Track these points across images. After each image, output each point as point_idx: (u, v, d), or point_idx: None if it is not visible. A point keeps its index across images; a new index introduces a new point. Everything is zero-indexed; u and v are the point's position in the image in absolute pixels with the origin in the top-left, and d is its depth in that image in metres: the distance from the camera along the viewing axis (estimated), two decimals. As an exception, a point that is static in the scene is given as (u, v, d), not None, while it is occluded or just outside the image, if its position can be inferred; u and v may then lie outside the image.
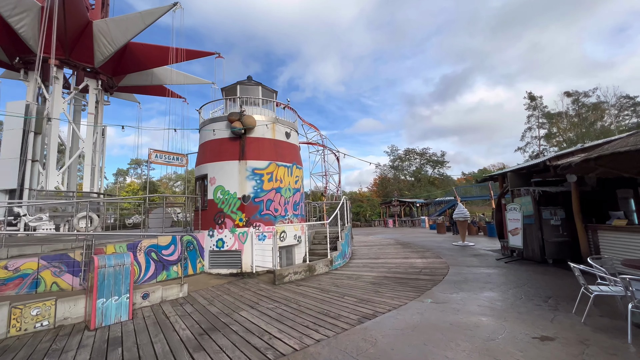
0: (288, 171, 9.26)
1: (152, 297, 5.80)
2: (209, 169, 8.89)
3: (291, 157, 9.52)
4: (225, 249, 8.30)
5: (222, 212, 8.45)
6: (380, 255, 10.68)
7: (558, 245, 8.33)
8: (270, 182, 8.77)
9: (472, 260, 9.01)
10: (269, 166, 8.81)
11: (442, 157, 66.80)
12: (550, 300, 4.99)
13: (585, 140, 49.82)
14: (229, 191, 8.50)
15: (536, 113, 55.73)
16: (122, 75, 16.72)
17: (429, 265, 8.52)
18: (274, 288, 6.73)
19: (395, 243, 14.57)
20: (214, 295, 6.32)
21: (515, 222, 9.00)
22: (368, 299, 5.51)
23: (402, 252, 11.38)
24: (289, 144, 9.62)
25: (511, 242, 9.17)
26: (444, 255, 10.07)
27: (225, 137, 8.87)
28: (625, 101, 48.59)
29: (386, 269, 8.21)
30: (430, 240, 15.16)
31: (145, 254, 7.21)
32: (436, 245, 13.20)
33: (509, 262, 8.53)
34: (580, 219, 7.95)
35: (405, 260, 9.48)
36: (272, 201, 8.72)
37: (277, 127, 9.32)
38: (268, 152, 8.92)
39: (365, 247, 13.60)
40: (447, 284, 6.36)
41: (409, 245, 13.48)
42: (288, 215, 9.06)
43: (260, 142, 8.92)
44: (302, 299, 5.76)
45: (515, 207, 9.01)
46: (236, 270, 8.21)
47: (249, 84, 9.94)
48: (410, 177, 66.87)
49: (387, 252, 11.42)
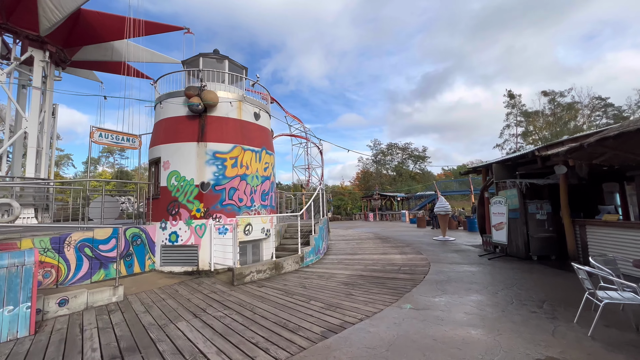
0: (256, 156, 8.22)
1: (72, 304, 4.68)
2: (162, 152, 7.68)
3: (260, 141, 8.46)
4: (179, 243, 7.20)
5: (177, 202, 7.31)
6: (358, 251, 9.91)
7: (543, 241, 7.85)
8: (235, 168, 7.70)
9: (454, 257, 8.40)
10: (233, 150, 7.72)
11: (424, 153, 67.34)
12: (545, 305, 4.33)
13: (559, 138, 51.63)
14: (184, 177, 7.35)
15: (514, 111, 57.05)
16: (75, 47, 14.81)
17: (409, 262, 7.82)
18: (231, 290, 5.76)
19: (375, 237, 13.91)
20: (155, 300, 5.26)
21: (499, 216, 8.45)
22: (338, 304, 4.66)
23: (380, 247, 10.68)
24: (258, 126, 8.54)
25: (495, 237, 8.64)
26: (425, 251, 9.44)
27: (182, 115, 7.67)
28: (597, 102, 50.46)
29: (362, 266, 7.42)
30: (410, 235, 14.62)
31: (77, 250, 6.00)
32: (416, 239, 12.63)
33: (492, 259, 7.97)
34: (567, 214, 7.47)
35: (384, 256, 8.75)
36: (236, 190, 7.67)
37: (244, 106, 8.21)
38: (232, 134, 7.81)
39: (343, 241, 12.83)
40: (428, 284, 5.63)
41: (388, 239, 12.84)
42: (255, 206, 8.05)
43: (224, 122, 7.79)
44: (260, 304, 4.83)
45: (501, 200, 8.45)
46: (192, 267, 7.14)
47: (214, 57, 8.73)
48: (392, 172, 67.15)
49: (365, 247, 10.68)
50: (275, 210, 9.19)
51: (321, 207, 9.98)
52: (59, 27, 13.06)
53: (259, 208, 8.17)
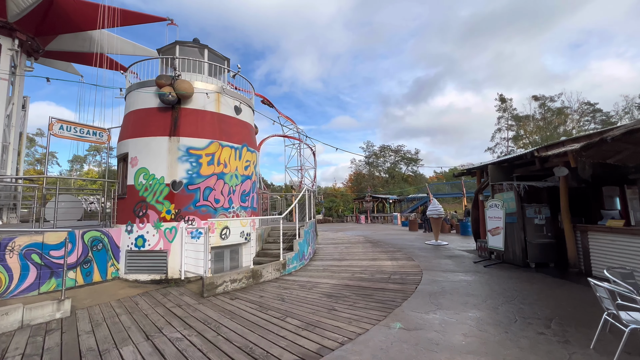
0: (236, 153, 7.55)
1: (1, 323, 3.94)
2: (129, 147, 6.95)
3: (241, 137, 7.80)
4: (146, 248, 6.47)
5: (145, 202, 6.59)
6: (346, 256, 9.31)
7: (542, 247, 7.38)
8: (211, 166, 7.02)
9: (448, 263, 7.86)
10: (209, 146, 7.04)
11: (416, 155, 67.43)
12: (553, 324, 3.78)
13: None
14: (154, 175, 6.64)
15: (506, 115, 57.56)
16: (49, 36, 13.90)
17: (400, 269, 7.24)
18: (199, 302, 5.08)
19: (365, 241, 13.33)
20: (108, 315, 4.55)
21: (496, 221, 7.96)
22: (317, 322, 4.03)
23: (370, 252, 10.10)
24: (238, 121, 7.88)
25: (490, 242, 8.14)
26: (417, 257, 8.89)
27: (153, 106, 6.96)
28: (586, 107, 51.19)
29: (350, 274, 6.82)
30: (401, 239, 14.10)
31: (21, 256, 5.24)
32: (408, 244, 12.10)
33: (488, 266, 7.46)
34: (568, 218, 7.01)
35: (373, 262, 8.16)
36: (212, 189, 6.98)
37: (223, 98, 7.54)
38: (209, 129, 7.14)
39: (332, 245, 12.22)
40: (420, 296, 5.04)
41: (379, 243, 12.28)
42: (233, 208, 7.37)
43: (200, 115, 7.11)
44: (227, 321, 4.17)
45: (497, 203, 7.96)
46: (160, 276, 6.42)
47: (192, 46, 8.04)
48: (384, 174, 67.02)
49: (354, 252, 10.08)
50: (257, 213, 8.52)
51: (308, 209, 9.35)
52: (30, 13, 12.17)
53: (238, 210, 7.50)
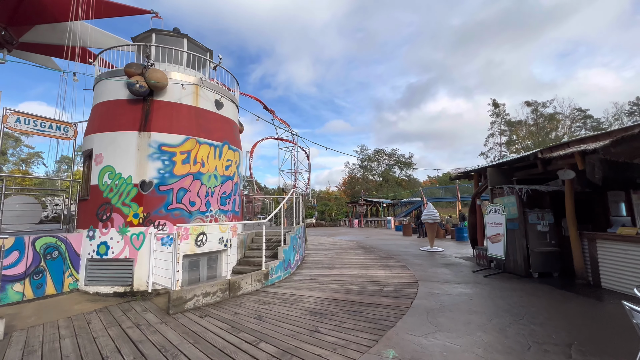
0: (215, 152, 6.89)
1: None
2: (94, 142, 6.24)
3: (222, 134, 7.15)
4: (109, 256, 5.75)
5: (109, 204, 5.88)
6: (336, 264, 8.67)
7: (545, 256, 6.86)
8: (186, 165, 6.34)
9: (445, 273, 7.29)
10: (185, 142, 6.37)
11: (410, 159, 67.44)
12: (573, 351, 3.20)
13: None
14: (120, 174, 5.94)
15: (499, 120, 57.94)
16: (23, 26, 13.10)
17: (394, 279, 6.64)
18: (163, 321, 4.38)
19: (357, 247, 12.72)
20: (49, 339, 3.83)
21: (496, 227, 7.43)
22: (296, 349, 3.39)
23: (363, 259, 9.49)
24: (219, 117, 7.23)
25: (490, 250, 7.60)
26: (412, 265, 8.31)
27: (122, 98, 6.28)
28: (577, 113, 51.79)
29: (338, 286, 6.18)
30: (395, 244, 13.53)
31: (-46, 267, 4.49)
32: (402, 250, 11.53)
33: (488, 276, 6.91)
34: (574, 225, 6.50)
35: (365, 271, 7.55)
36: (187, 191, 6.30)
37: (202, 92, 6.90)
38: (185, 124, 6.47)
39: (322, 251, 11.57)
40: (417, 314, 4.44)
41: (372, 249, 11.68)
42: (211, 212, 6.70)
43: (175, 109, 6.45)
44: (189, 347, 3.49)
45: (498, 208, 7.43)
46: (124, 287, 5.70)
47: (170, 35, 7.39)
48: (378, 178, 66.83)
49: (345, 259, 9.45)
50: (239, 217, 7.84)
51: (296, 213, 8.72)
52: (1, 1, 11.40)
53: (217, 214, 6.82)
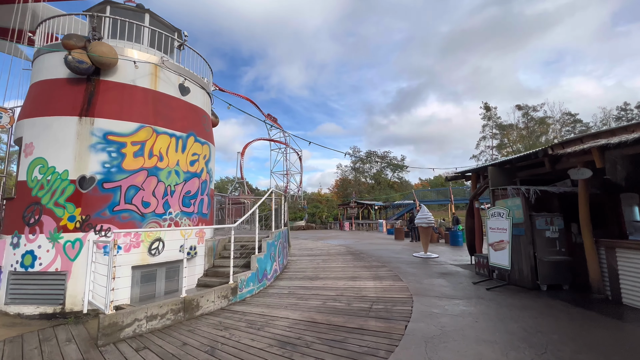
0: (177, 144, 5.88)
1: None
2: (25, 129, 5.17)
3: (187, 124, 6.15)
4: (36, 269, 4.68)
5: (38, 205, 4.81)
6: (321, 273, 7.72)
7: (555, 266, 6.06)
8: (139, 158, 5.32)
9: (442, 285, 6.42)
10: (138, 131, 5.35)
11: (402, 162, 67.27)
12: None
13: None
14: (54, 168, 4.88)
15: (490, 123, 58.19)
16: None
17: (385, 293, 5.73)
18: (86, 358, 3.36)
19: (346, 252, 11.80)
20: None
21: (500, 233, 6.59)
22: (246, 408, 2.42)
23: (351, 267, 8.56)
24: (184, 104, 6.23)
25: (493, 259, 6.76)
26: (405, 274, 7.42)
27: (61, 77, 5.23)
28: (567, 118, 52.33)
29: (320, 302, 5.23)
30: (387, 249, 12.65)
31: None
32: (394, 256, 10.65)
33: (492, 289, 6.06)
34: (590, 232, 5.70)
35: (353, 283, 6.62)
36: (140, 189, 5.28)
37: (163, 73, 5.89)
38: (140, 110, 5.46)
39: (308, 257, 10.61)
40: (413, 345, 3.52)
41: (361, 256, 10.77)
42: (171, 214, 5.67)
43: (127, 91, 5.43)
44: (98, 406, 2.49)
45: (501, 212, 6.61)
46: (54, 307, 4.62)
47: (129, 9, 6.37)
48: (370, 180, 66.37)
49: (331, 268, 8.51)
50: (208, 220, 6.82)
51: (275, 216, 7.74)
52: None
53: (179, 217, 5.80)
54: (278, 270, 7.43)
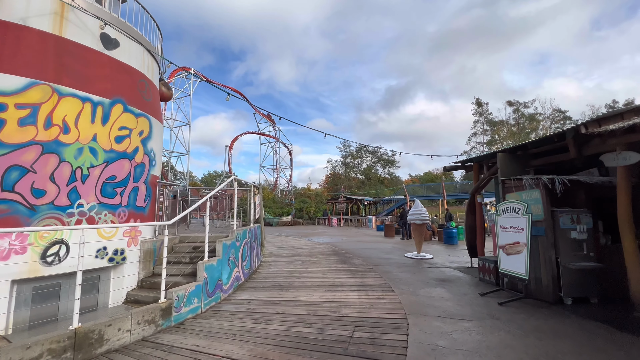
0: (95, 112, 4.34)
1: None
2: None
3: (111, 87, 4.60)
4: None
5: None
6: (296, 280, 6.35)
7: (582, 274, 4.85)
8: (29, 127, 3.78)
9: (443, 297, 5.14)
10: (27, 90, 3.79)
11: (393, 157, 66.40)
12: None
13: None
14: None
15: (481, 119, 57.78)
16: None
17: (371, 312, 4.39)
18: None
19: (331, 252, 10.47)
20: None
21: (514, 233, 5.32)
22: None
23: (333, 271, 7.22)
24: (110, 61, 4.67)
25: (504, 264, 5.50)
26: (396, 281, 6.12)
27: None
28: (557, 114, 52.27)
29: (284, 328, 3.85)
30: (376, 249, 11.38)
31: None
32: (384, 257, 9.37)
33: (505, 304, 4.81)
34: (632, 233, 4.49)
35: (332, 295, 5.27)
36: (28, 171, 3.75)
37: (74, 14, 4.32)
38: (32, 59, 3.89)
39: (286, 258, 9.23)
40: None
41: (347, 256, 9.45)
42: (81, 207, 4.16)
43: (12, 33, 3.85)
44: None
45: (517, 207, 5.33)
46: None
47: None
48: (360, 175, 65.39)
49: (310, 273, 7.14)
50: (146, 215, 5.32)
51: (236, 212, 6.29)
52: None
53: (95, 210, 4.29)
54: (242, 278, 6.02)
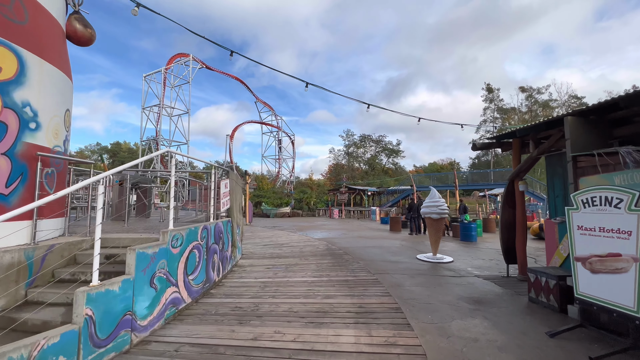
0: None
1: None
2: None
3: None
4: None
5: None
6: (266, 301, 4.44)
7: None
8: None
9: (490, 337, 3.18)
10: None
11: (398, 146, 64.12)
12: None
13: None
14: None
15: (492, 106, 55.00)
16: None
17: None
18: None
19: (326, 251, 8.57)
20: None
21: (609, 239, 3.28)
22: None
23: (324, 282, 5.29)
24: None
25: (589, 287, 3.47)
26: (412, 305, 4.17)
27: None
28: (572, 101, 49.37)
29: None
30: (381, 247, 9.44)
31: None
32: (391, 259, 7.43)
33: (604, 359, 2.85)
34: None
35: (315, 332, 3.33)
36: None
37: None
38: None
39: (269, 260, 7.35)
40: None
41: (345, 257, 7.53)
42: None
43: None
44: None
45: (616, 196, 3.27)
46: None
47: None
48: (364, 165, 63.29)
49: (291, 285, 5.23)
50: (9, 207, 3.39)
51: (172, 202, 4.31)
52: None
53: None
54: (185, 299, 4.11)
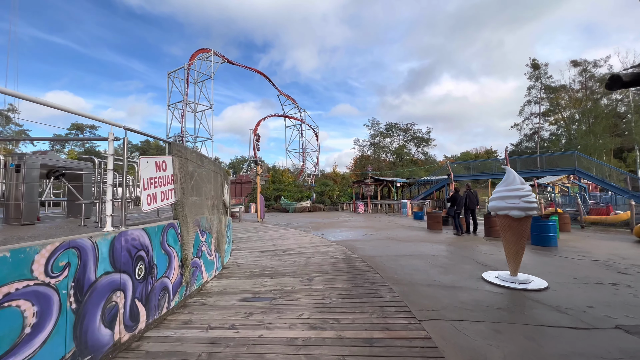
0: None
1: None
2: None
3: None
4: None
5: None
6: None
7: None
8: None
9: None
10: None
11: (428, 134, 59.46)
12: None
13: (590, 118, 43.49)
14: None
15: (538, 84, 48.70)
16: None
17: None
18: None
19: (342, 264, 5.99)
20: None
21: None
22: None
23: (329, 340, 2.74)
24: None
25: None
26: None
27: None
28: None
29: None
30: (421, 256, 6.66)
31: None
32: (442, 281, 4.69)
33: None
34: None
35: None
36: None
37: None
38: None
39: (252, 281, 4.96)
40: None
41: (369, 277, 4.90)
42: None
43: None
44: None
45: None
46: None
47: None
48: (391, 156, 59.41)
49: (265, 347, 2.73)
50: None
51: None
52: None
53: None
54: None
